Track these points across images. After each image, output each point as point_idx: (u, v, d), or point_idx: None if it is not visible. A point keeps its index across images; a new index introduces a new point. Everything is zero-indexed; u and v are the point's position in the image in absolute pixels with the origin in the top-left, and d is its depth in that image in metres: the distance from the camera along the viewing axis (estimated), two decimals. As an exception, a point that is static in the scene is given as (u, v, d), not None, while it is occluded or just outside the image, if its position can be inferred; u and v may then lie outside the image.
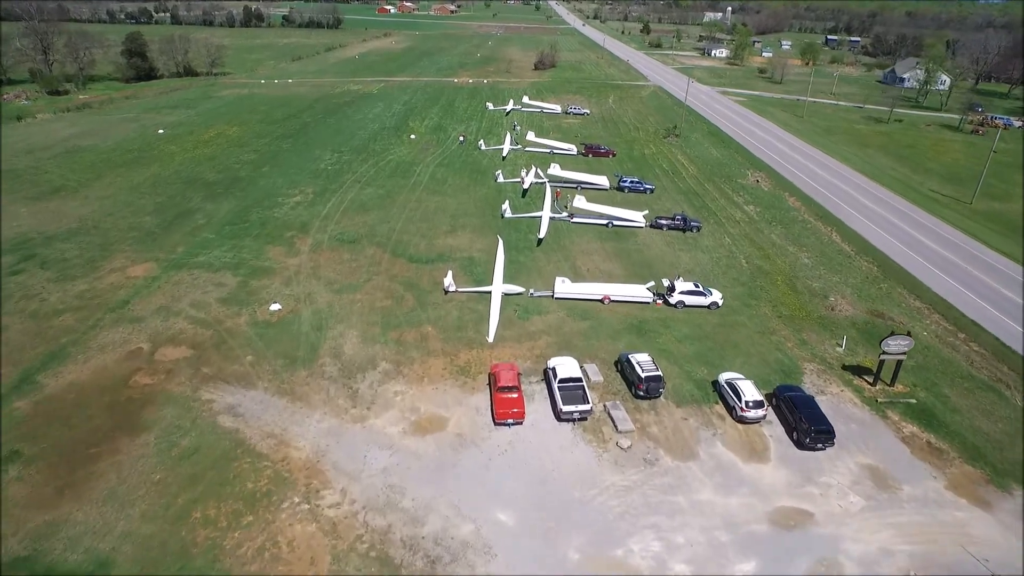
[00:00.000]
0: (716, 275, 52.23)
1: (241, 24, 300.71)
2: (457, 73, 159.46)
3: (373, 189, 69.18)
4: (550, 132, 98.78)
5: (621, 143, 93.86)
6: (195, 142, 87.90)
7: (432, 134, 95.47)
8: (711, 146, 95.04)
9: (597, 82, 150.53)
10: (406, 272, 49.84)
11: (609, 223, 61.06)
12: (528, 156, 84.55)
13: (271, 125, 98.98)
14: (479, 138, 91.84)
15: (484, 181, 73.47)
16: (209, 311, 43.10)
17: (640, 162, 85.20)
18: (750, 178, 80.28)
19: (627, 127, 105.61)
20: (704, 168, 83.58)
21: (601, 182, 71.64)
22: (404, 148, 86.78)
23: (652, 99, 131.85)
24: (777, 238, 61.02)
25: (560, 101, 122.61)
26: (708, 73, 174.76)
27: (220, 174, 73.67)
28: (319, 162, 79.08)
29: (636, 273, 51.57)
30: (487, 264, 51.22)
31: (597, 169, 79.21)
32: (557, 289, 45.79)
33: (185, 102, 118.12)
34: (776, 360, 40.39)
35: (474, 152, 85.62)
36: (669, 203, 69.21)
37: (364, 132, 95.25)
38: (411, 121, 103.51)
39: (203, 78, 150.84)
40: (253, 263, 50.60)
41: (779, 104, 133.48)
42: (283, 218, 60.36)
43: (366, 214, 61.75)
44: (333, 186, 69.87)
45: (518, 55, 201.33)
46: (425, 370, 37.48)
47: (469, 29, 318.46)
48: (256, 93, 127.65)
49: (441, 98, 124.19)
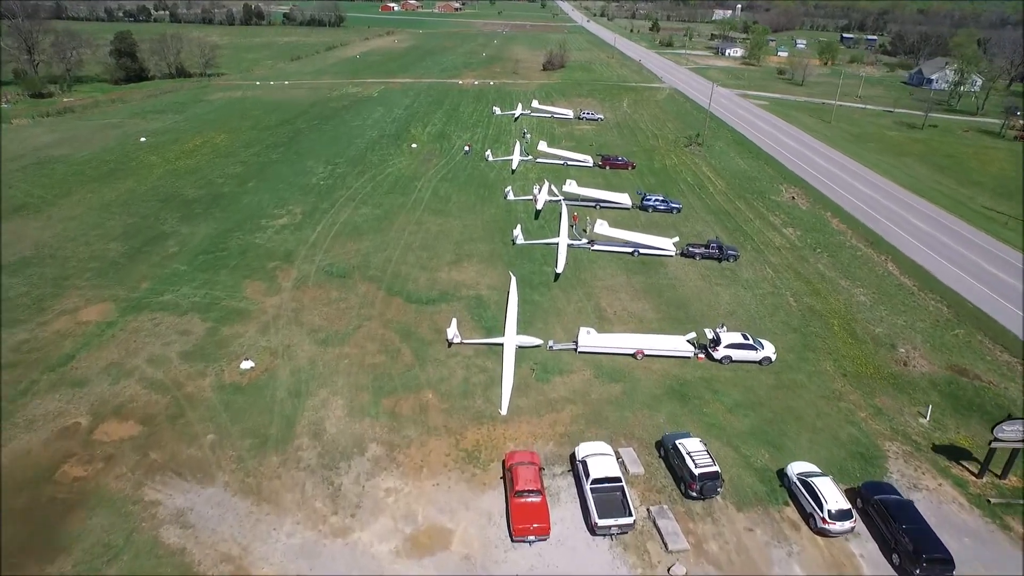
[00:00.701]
0: (762, 317, 45.07)
1: (241, 22, 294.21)
2: (462, 74, 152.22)
3: (369, 208, 62.18)
4: (562, 140, 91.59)
5: (640, 153, 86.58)
6: (178, 152, 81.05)
7: (435, 142, 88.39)
8: (737, 156, 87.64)
9: (609, 84, 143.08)
10: (403, 316, 42.84)
11: (635, 251, 53.90)
12: (540, 169, 77.37)
13: (262, 132, 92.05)
14: (486, 148, 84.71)
15: (492, 198, 66.39)
16: (168, 370, 36.21)
17: (662, 175, 77.92)
18: (784, 194, 72.93)
19: (645, 134, 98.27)
20: (733, 182, 76.25)
21: (622, 200, 64.45)
22: (404, 159, 79.73)
23: (669, 103, 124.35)
24: (825, 269, 53.75)
25: (571, 105, 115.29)
26: (725, 74, 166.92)
27: (201, 190, 66.80)
28: (311, 176, 72.11)
29: (670, 316, 44.45)
30: (498, 305, 44.21)
31: (616, 184, 72.02)
32: (582, 342, 38.72)
33: (174, 106, 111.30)
34: (850, 437, 33.24)
35: (480, 164, 78.52)
36: (699, 225, 61.99)
37: (361, 140, 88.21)
38: (412, 128, 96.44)
39: (196, 79, 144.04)
40: (227, 303, 43.70)
41: (804, 108, 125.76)
42: (266, 245, 53.42)
43: (359, 240, 54.76)
44: (324, 205, 62.90)
45: (525, 54, 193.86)
46: (424, 456, 30.49)
47: (474, 27, 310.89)
48: (249, 96, 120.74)
49: (445, 102, 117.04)
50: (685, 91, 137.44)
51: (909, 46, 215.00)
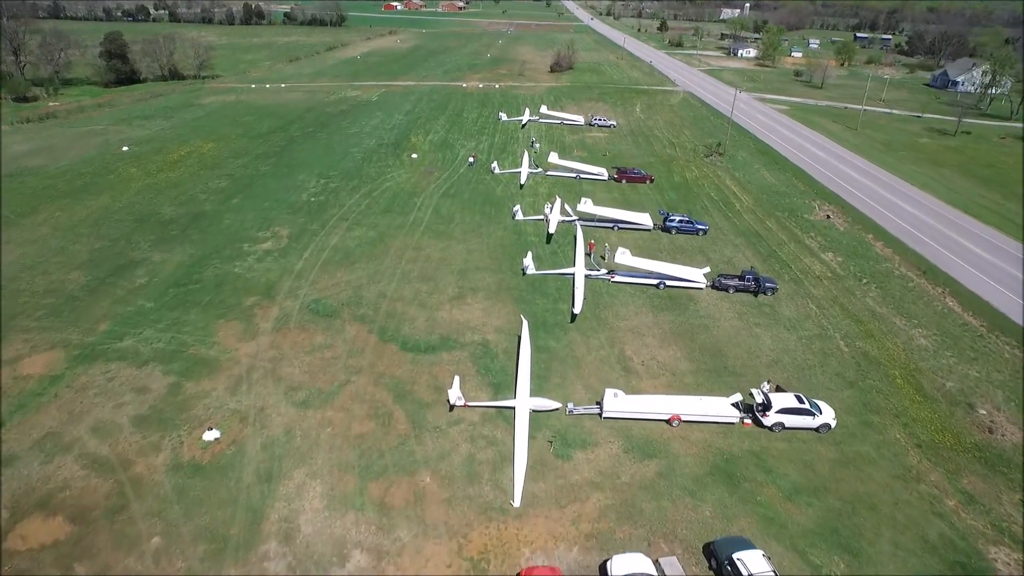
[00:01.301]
0: (811, 368, 38.98)
1: (241, 22, 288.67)
2: (465, 76, 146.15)
3: (363, 230, 56.28)
4: (573, 150, 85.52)
5: (657, 164, 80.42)
6: (161, 163, 75.33)
7: (437, 152, 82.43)
8: (763, 168, 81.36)
9: (620, 87, 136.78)
10: (397, 367, 36.93)
11: (660, 283, 47.85)
12: (550, 183, 71.34)
13: (252, 141, 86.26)
14: (491, 159, 78.72)
15: (499, 218, 60.41)
16: (116, 442, 30.40)
17: (683, 190, 71.77)
18: (818, 212, 66.69)
19: (661, 142, 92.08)
20: (760, 198, 70.04)
21: (643, 221, 58.37)
22: (403, 171, 73.80)
23: (684, 107, 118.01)
24: (875, 304, 47.57)
25: (581, 110, 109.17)
26: (739, 76, 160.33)
27: (180, 208, 61.05)
28: (301, 191, 66.26)
29: (706, 367, 38.41)
30: (507, 353, 38.27)
31: (635, 202, 65.97)
32: (608, 407, 32.71)
33: (162, 111, 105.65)
34: (941, 538, 27.17)
35: (486, 177, 72.53)
36: (729, 250, 55.87)
37: (358, 150, 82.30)
38: (413, 135, 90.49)
39: (189, 82, 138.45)
40: (195, 351, 37.88)
41: (826, 113, 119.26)
42: (245, 275, 47.58)
43: (351, 269, 48.86)
44: (314, 226, 57.04)
45: (531, 55, 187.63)
46: (420, 568, 24.59)
47: (478, 27, 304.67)
48: (243, 100, 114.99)
49: (448, 107, 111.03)
50: (700, 94, 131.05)
51: (928, 46, 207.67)
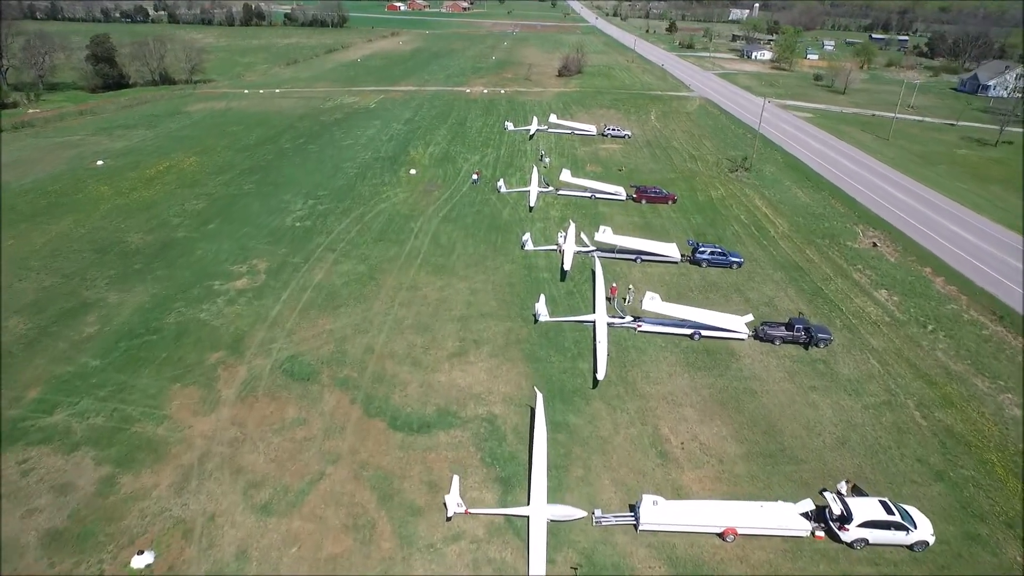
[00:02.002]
0: (887, 450, 32.03)
1: (241, 23, 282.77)
2: (469, 81, 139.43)
3: (351, 264, 49.59)
4: (585, 165, 78.65)
5: (679, 181, 73.45)
6: (136, 180, 68.88)
7: (437, 167, 75.71)
8: (794, 185, 74.26)
9: (632, 92, 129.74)
10: (384, 454, 30.19)
11: (695, 334, 40.99)
12: (563, 203, 64.53)
13: (238, 154, 79.73)
14: (497, 175, 71.97)
15: (507, 248, 53.61)
16: (19, 570, 23.80)
17: (709, 211, 64.80)
18: (862, 239, 59.63)
19: (680, 155, 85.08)
20: (796, 222, 63.00)
21: (669, 253, 51.41)
22: (400, 190, 67.11)
23: (701, 115, 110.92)
24: (947, 358, 40.58)
25: (593, 118, 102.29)
26: (756, 80, 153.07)
27: (149, 234, 54.52)
28: (286, 214, 59.66)
29: (760, 450, 31.52)
30: (517, 433, 31.51)
31: (656, 226, 59.08)
32: (645, 518, 25.86)
33: (147, 119, 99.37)
34: None
35: (491, 196, 65.76)
36: (768, 287, 48.92)
37: (352, 165, 75.63)
38: (412, 148, 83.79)
39: (180, 87, 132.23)
40: (139, 429, 31.26)
41: (853, 121, 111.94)
42: (212, 323, 40.96)
43: (335, 314, 42.18)
44: (296, 258, 50.38)
45: (538, 57, 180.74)
46: None
47: (483, 27, 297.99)
48: (234, 108, 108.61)
49: (450, 115, 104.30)
50: (717, 100, 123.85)
51: (950, 47, 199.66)
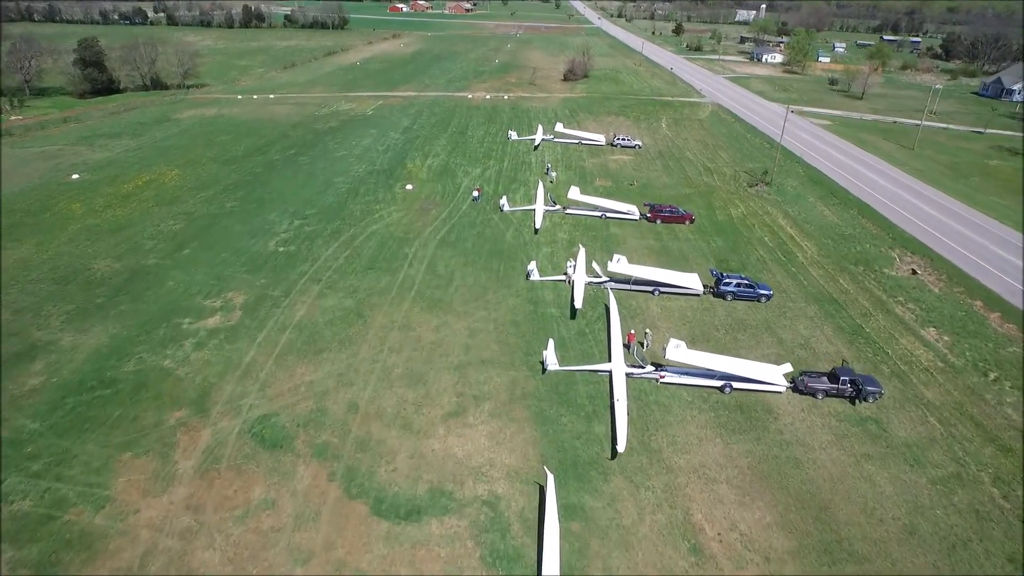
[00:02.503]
0: (965, 542, 26.80)
1: (241, 24, 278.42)
2: (471, 85, 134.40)
3: (337, 298, 44.57)
4: (595, 178, 73.54)
5: (695, 197, 68.26)
6: (111, 196, 64.09)
7: (436, 181, 70.68)
8: (819, 202, 68.93)
9: (641, 97, 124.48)
10: (364, 550, 25.11)
11: (726, 386, 35.84)
12: (571, 224, 59.41)
13: (224, 167, 74.87)
14: (500, 191, 66.93)
15: (510, 277, 48.52)
16: None
17: (729, 232, 59.58)
18: (900, 265, 54.32)
19: (695, 167, 79.84)
20: (825, 244, 57.74)
21: (691, 285, 46.16)
22: (395, 208, 62.10)
23: (715, 122, 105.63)
24: (1018, 415, 35.29)
25: (601, 127, 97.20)
26: (769, 85, 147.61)
27: (118, 261, 49.62)
28: (269, 237, 54.70)
29: (813, 542, 26.30)
30: (523, 521, 26.40)
31: (673, 250, 53.92)
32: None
33: (133, 128, 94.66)
34: None
35: (493, 216, 60.71)
36: (802, 325, 43.70)
37: (344, 179, 70.63)
38: (409, 159, 78.78)
39: (171, 92, 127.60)
40: (72, 518, 26.27)
41: (874, 129, 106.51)
42: (176, 372, 35.97)
43: (316, 361, 37.16)
44: (276, 291, 45.39)
45: (542, 60, 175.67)
46: None
47: (486, 29, 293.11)
48: (225, 115, 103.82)
49: (451, 122, 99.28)
50: (730, 107, 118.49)
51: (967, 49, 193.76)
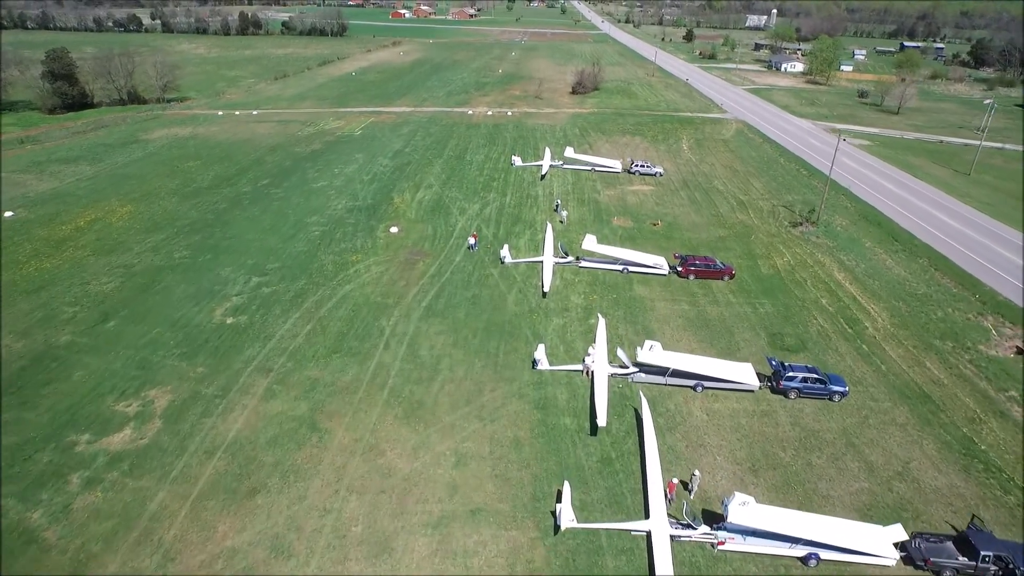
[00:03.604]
0: None
1: (237, 32, 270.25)
2: (472, 99, 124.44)
3: (288, 399, 34.34)
4: (611, 216, 63.18)
5: (731, 241, 57.80)
6: (43, 242, 54.25)
7: (426, 221, 60.54)
8: (877, 247, 58.26)
9: (657, 114, 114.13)
10: None
11: (812, 557, 25.40)
12: (587, 281, 49.00)
13: (185, 201, 65.01)
14: (500, 236, 56.73)
15: (512, 366, 38.15)
16: None
17: (778, 291, 49.04)
18: (999, 340, 43.44)
19: (726, 200, 69.35)
20: (896, 309, 47.08)
21: (743, 378, 35.70)
22: (376, 260, 51.92)
23: (741, 143, 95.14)
24: None
25: (615, 149, 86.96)
26: (794, 97, 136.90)
27: (21, 339, 39.61)
28: (217, 302, 44.60)
29: None
30: None
31: (713, 319, 43.35)
32: None
33: (94, 151, 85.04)
34: None
35: (492, 269, 50.47)
36: (894, 439, 33.07)
37: (319, 220, 60.56)
38: (397, 191, 68.69)
39: (148, 107, 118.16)
40: None
41: (918, 149, 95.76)
42: (45, 535, 25.71)
43: (246, 512, 26.82)
44: (212, 387, 35.24)
45: (548, 70, 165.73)
46: None
47: (490, 36, 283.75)
48: (199, 135, 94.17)
49: (448, 144, 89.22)
50: (756, 124, 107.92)
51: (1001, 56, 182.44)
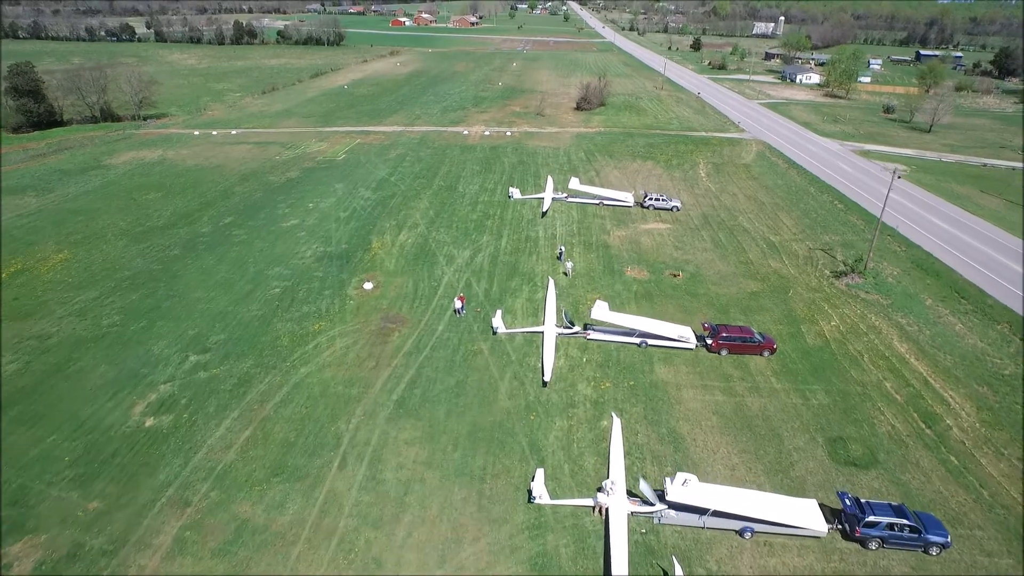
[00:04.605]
0: None
1: (232, 41, 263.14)
2: (469, 116, 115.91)
3: (196, 560, 25.30)
4: (623, 265, 54.18)
5: (766, 297, 48.73)
6: (-51, 304, 45.66)
7: (407, 271, 51.70)
8: (941, 306, 49.06)
9: (669, 133, 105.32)
10: None
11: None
12: (596, 360, 40.00)
13: (133, 245, 56.37)
14: (493, 293, 47.81)
15: (503, 495, 29.08)
16: None
17: (829, 370, 39.89)
18: (1119, 444, 34.44)
19: (755, 242, 60.35)
20: (983, 399, 37.90)
21: (810, 524, 26.62)
22: (341, 329, 43.03)
23: (764, 168, 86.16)
24: None
25: (625, 175, 78.14)
26: (814, 113, 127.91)
27: None
28: (139, 392, 35.75)
29: None
30: None
31: (753, 416, 34.17)
32: None
33: (46, 179, 76.63)
34: None
35: (483, 343, 41.52)
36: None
37: (282, 273, 51.67)
38: (377, 233, 59.91)
39: (122, 125, 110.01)
40: None
41: (960, 174, 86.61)
42: None
43: None
44: (99, 538, 26.21)
45: (551, 83, 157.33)
46: None
47: (491, 44, 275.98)
48: (168, 159, 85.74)
49: (438, 173, 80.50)
50: (778, 145, 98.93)
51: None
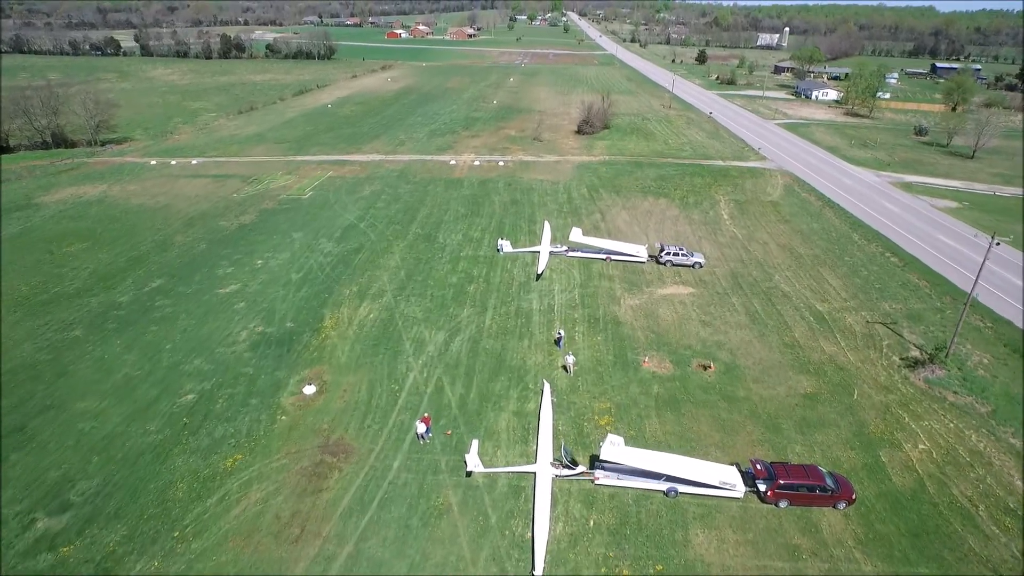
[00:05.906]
0: None
1: (219, 55, 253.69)
2: (458, 141, 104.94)
3: None
4: (640, 352, 42.66)
5: (827, 402, 37.14)
6: None
7: (364, 365, 40.20)
8: (1060, 416, 37.66)
9: (682, 161, 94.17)
10: None
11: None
12: (610, 530, 28.38)
13: (25, 321, 44.90)
14: (471, 398, 36.32)
15: None
16: None
17: (931, 534, 28.32)
18: None
19: (799, 312, 48.83)
20: None
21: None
22: (263, 467, 31.41)
23: (796, 207, 74.81)
24: None
25: (634, 218, 66.85)
26: (838, 135, 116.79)
27: None
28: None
29: None
30: None
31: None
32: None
33: (-41, 225, 65.57)
34: None
35: (452, 491, 29.90)
36: None
37: (201, 368, 40.16)
38: (332, 303, 48.44)
39: (74, 152, 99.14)
40: None
41: (1017, 212, 75.31)
42: None
43: None
44: None
45: (550, 101, 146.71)
46: None
47: (488, 57, 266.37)
48: (110, 197, 74.61)
49: (417, 215, 69.18)
50: (805, 176, 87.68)
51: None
